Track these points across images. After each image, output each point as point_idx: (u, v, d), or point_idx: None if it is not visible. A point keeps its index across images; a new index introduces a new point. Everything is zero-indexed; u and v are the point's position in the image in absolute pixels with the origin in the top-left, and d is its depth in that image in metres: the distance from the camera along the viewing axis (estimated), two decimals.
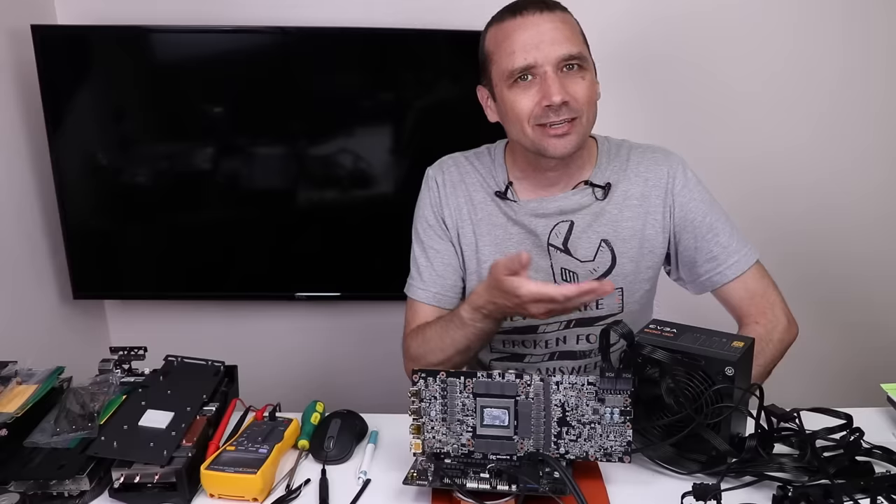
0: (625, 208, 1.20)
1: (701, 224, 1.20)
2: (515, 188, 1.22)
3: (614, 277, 1.21)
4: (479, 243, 1.23)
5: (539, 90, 1.09)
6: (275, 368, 1.92)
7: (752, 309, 1.20)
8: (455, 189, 1.24)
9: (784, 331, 1.19)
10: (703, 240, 1.20)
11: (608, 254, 1.20)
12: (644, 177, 1.21)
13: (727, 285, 1.20)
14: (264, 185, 1.75)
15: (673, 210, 1.20)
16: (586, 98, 1.11)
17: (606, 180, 1.20)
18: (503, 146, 1.26)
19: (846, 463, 0.92)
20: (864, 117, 1.80)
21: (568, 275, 1.21)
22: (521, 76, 1.10)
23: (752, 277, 1.20)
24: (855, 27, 1.74)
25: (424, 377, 0.93)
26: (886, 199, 1.86)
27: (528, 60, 1.08)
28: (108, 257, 1.79)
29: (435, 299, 1.24)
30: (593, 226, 1.20)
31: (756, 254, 1.21)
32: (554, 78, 1.08)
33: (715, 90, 1.79)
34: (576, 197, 1.20)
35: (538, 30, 1.08)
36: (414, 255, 1.27)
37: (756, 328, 1.17)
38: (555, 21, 1.09)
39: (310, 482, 0.97)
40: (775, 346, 1.17)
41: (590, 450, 0.93)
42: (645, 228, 1.20)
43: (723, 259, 1.19)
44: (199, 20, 1.69)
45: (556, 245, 1.21)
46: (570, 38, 1.10)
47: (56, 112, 1.66)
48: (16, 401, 0.99)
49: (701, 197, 1.21)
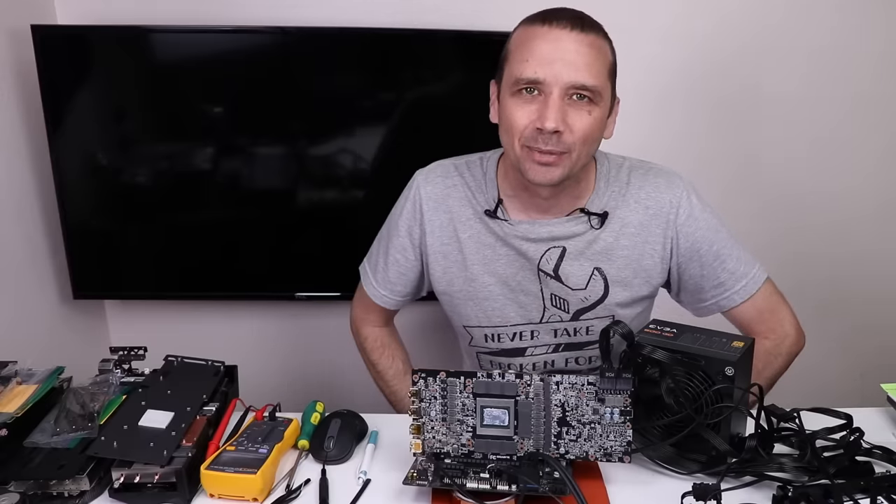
0: (621, 236, 1.15)
1: (707, 253, 1.16)
2: (506, 206, 1.16)
3: (607, 306, 1.17)
4: (467, 261, 1.19)
5: (537, 109, 1.02)
6: (275, 368, 1.92)
7: (761, 327, 1.18)
8: (438, 207, 1.19)
9: (793, 344, 1.18)
10: (709, 268, 1.16)
11: (601, 282, 1.16)
12: (644, 204, 1.15)
13: (735, 308, 1.18)
14: (264, 185, 1.75)
15: (676, 241, 1.15)
16: (584, 134, 1.03)
17: (604, 208, 1.14)
18: (496, 158, 1.20)
19: (846, 463, 0.92)
20: (865, 119, 1.80)
21: (558, 301, 1.17)
22: (526, 87, 1.03)
23: (762, 297, 1.18)
24: (863, 31, 1.74)
25: (424, 377, 0.93)
26: (887, 199, 1.87)
27: (538, 75, 1.01)
28: (108, 257, 1.79)
29: (381, 300, 1.29)
30: (586, 253, 1.15)
31: (764, 273, 1.18)
32: (556, 103, 1.01)
33: (727, 98, 1.79)
34: (569, 224, 1.15)
35: (559, 46, 1.01)
36: (377, 247, 1.29)
37: (765, 343, 1.16)
38: (581, 44, 1.01)
39: (310, 482, 0.97)
40: (783, 360, 1.17)
41: (590, 450, 0.93)
42: (642, 259, 1.16)
43: (730, 285, 1.16)
44: (199, 20, 1.69)
45: (546, 271, 1.16)
46: (590, 67, 1.01)
47: (56, 112, 1.65)
48: (16, 401, 0.99)
49: (707, 225, 1.15)
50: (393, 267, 1.25)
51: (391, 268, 1.25)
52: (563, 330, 1.19)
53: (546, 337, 1.20)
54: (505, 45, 1.10)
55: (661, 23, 1.72)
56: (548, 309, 1.18)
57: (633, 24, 1.68)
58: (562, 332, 1.20)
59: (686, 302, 1.23)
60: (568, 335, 1.20)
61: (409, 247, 1.23)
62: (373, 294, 1.29)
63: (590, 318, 1.18)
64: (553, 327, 1.19)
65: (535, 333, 1.20)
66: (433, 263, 1.22)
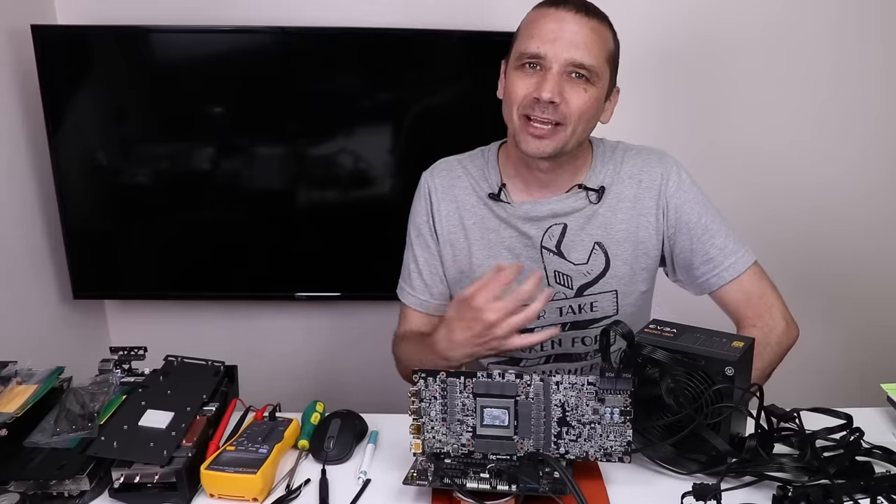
0: (618, 210, 1.20)
1: (696, 226, 1.19)
2: (508, 189, 1.21)
3: (608, 280, 1.21)
4: (471, 248, 1.23)
5: (536, 82, 1.09)
6: (275, 368, 1.92)
7: (748, 311, 1.19)
8: (445, 195, 1.25)
9: (782, 334, 1.18)
10: (698, 241, 1.19)
11: (602, 256, 1.20)
12: (637, 178, 1.20)
13: (723, 288, 1.19)
14: (264, 185, 1.75)
15: (666, 212, 1.20)
16: (579, 110, 1.10)
17: (601, 183, 1.20)
18: (496, 147, 1.26)
19: (846, 463, 0.92)
20: (865, 116, 1.80)
21: (561, 277, 1.21)
22: (529, 62, 1.10)
23: (750, 279, 1.19)
24: (850, 26, 1.74)
25: (424, 377, 0.93)
26: (887, 199, 1.87)
27: (540, 50, 1.09)
28: (107, 257, 1.79)
29: (423, 306, 1.28)
30: (586, 228, 1.20)
31: (753, 256, 1.20)
32: (554, 77, 1.08)
33: (722, 91, 1.79)
34: (569, 200, 1.19)
35: (563, 26, 1.09)
36: (406, 259, 1.30)
37: (752, 331, 1.16)
38: (584, 26, 1.09)
39: (310, 482, 0.97)
40: (773, 350, 1.16)
41: (590, 450, 0.93)
42: (638, 231, 1.20)
43: (719, 261, 1.19)
44: (199, 20, 1.69)
45: (549, 248, 1.20)
46: (589, 47, 1.09)
47: (56, 112, 1.66)
48: (16, 401, 0.99)
49: (695, 198, 1.20)
50: (425, 267, 1.27)
51: (424, 268, 1.27)
52: (567, 307, 1.22)
53: (552, 316, 1.23)
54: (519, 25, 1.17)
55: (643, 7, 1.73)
56: (552, 286, 1.21)
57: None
58: (567, 310, 1.23)
59: (682, 280, 1.26)
60: (573, 312, 1.22)
61: (431, 240, 1.27)
62: (413, 302, 1.28)
63: (593, 293, 1.22)
64: (558, 305, 1.22)
65: (541, 313, 1.21)
66: (444, 251, 1.26)
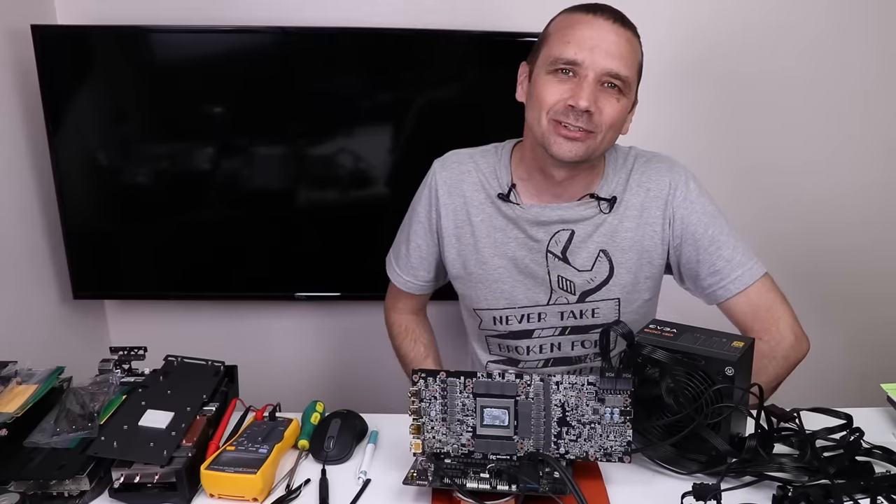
0: (624, 219, 1.19)
1: (703, 237, 1.18)
2: (519, 190, 1.21)
3: (612, 287, 1.20)
4: (478, 244, 1.23)
5: (571, 89, 1.08)
6: (275, 368, 1.92)
7: (755, 325, 1.18)
8: (452, 191, 1.25)
9: (790, 347, 1.16)
10: (705, 253, 1.18)
11: (606, 264, 1.20)
12: (646, 187, 1.20)
13: (730, 300, 1.18)
14: (264, 185, 1.75)
15: (672, 222, 1.19)
16: (611, 119, 1.10)
17: (612, 193, 1.19)
18: (511, 146, 1.26)
19: (846, 463, 0.92)
20: (864, 115, 1.80)
21: (565, 283, 1.21)
22: (563, 68, 1.09)
23: (757, 292, 1.18)
24: (853, 36, 1.74)
25: (424, 377, 0.93)
26: (887, 198, 1.86)
27: (578, 56, 1.08)
28: (107, 257, 1.79)
29: (406, 286, 1.34)
30: (593, 236, 1.20)
31: (762, 268, 1.19)
32: (591, 86, 1.08)
33: (722, 91, 1.79)
34: (579, 208, 1.19)
35: (601, 34, 1.08)
36: (399, 235, 1.34)
37: (759, 345, 1.13)
38: (620, 37, 1.09)
39: (310, 482, 0.97)
40: (779, 364, 1.15)
41: (590, 450, 0.93)
42: (643, 239, 1.20)
43: (726, 273, 1.17)
44: (199, 20, 1.69)
45: (554, 253, 1.20)
46: (625, 59, 1.09)
47: (56, 112, 1.65)
48: (16, 401, 0.99)
49: (703, 209, 1.19)
50: (414, 252, 1.30)
51: (413, 253, 1.30)
52: (569, 312, 1.23)
53: (553, 319, 1.23)
54: (543, 30, 1.17)
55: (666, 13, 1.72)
56: (555, 291, 1.22)
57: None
58: (568, 315, 1.23)
59: (691, 290, 1.25)
60: (574, 317, 1.23)
61: (428, 231, 1.28)
62: (397, 280, 1.35)
63: (595, 300, 1.22)
64: (560, 310, 1.23)
65: (542, 316, 1.23)
66: (448, 247, 1.26)
